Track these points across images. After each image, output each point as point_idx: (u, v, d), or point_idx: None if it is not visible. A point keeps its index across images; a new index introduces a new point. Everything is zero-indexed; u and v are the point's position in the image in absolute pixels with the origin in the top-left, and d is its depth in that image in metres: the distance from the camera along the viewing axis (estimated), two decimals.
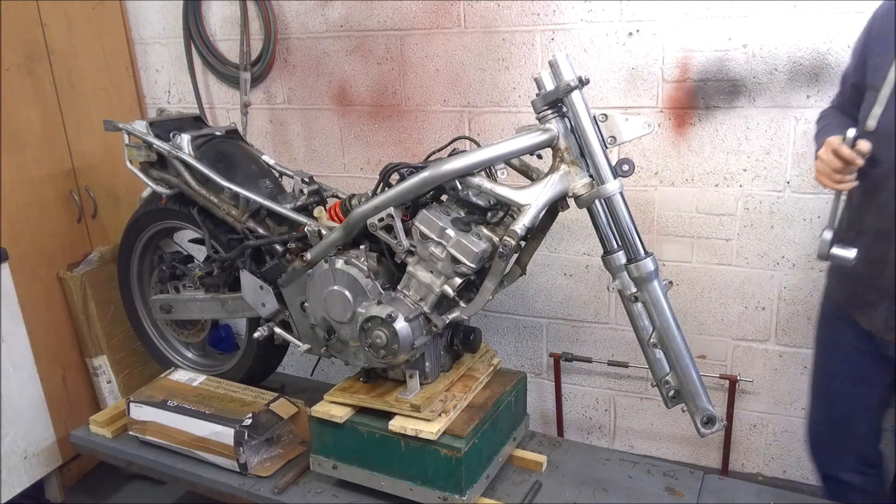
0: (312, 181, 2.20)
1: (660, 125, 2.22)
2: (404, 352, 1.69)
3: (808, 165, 2.10)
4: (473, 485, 1.78)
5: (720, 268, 2.30)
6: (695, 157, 2.22)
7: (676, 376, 1.62)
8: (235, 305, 2.17)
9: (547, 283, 2.54)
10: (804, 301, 2.22)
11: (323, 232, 1.90)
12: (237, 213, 2.08)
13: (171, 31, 2.88)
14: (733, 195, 2.21)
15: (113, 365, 2.72)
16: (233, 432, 1.96)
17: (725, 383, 2.32)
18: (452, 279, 1.68)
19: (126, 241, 2.42)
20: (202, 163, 2.08)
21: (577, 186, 1.59)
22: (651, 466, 1.99)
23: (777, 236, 2.19)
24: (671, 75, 2.17)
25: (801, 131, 2.08)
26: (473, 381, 1.94)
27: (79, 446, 2.31)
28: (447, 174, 1.63)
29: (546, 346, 2.64)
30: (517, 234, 1.58)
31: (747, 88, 2.10)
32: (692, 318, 2.36)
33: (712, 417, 1.62)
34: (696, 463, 2.50)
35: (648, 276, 1.56)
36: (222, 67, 2.82)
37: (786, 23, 2.00)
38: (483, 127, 2.48)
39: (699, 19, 2.09)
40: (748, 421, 2.40)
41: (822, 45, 1.99)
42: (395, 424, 1.77)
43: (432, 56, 2.47)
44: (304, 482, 1.98)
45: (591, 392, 2.62)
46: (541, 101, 1.61)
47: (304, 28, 2.64)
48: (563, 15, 2.24)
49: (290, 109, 2.79)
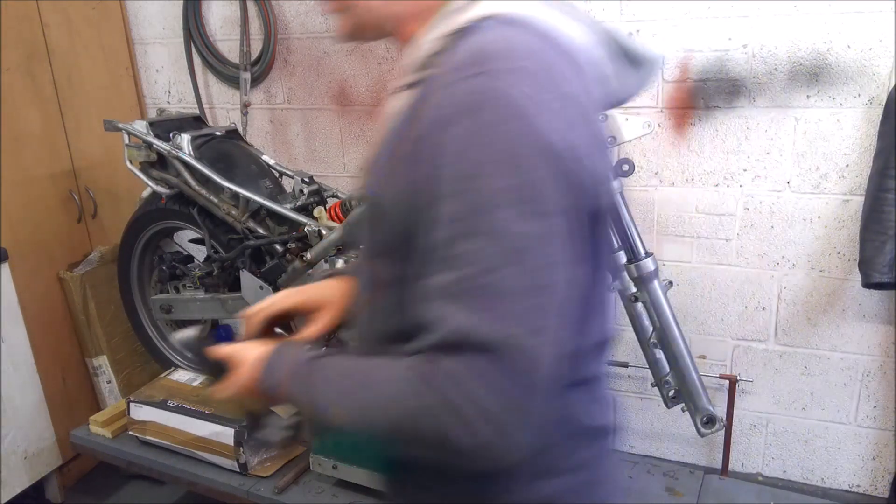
0: (312, 181, 2.19)
1: (660, 125, 2.22)
2: None
3: (808, 165, 2.10)
4: None
5: (720, 268, 2.29)
6: (695, 157, 2.22)
7: (676, 376, 1.62)
8: (235, 305, 2.17)
9: None
10: (804, 301, 2.22)
11: (323, 232, 1.90)
12: (237, 213, 2.07)
13: (171, 31, 2.88)
14: (733, 195, 2.21)
15: (113, 365, 2.72)
16: (233, 432, 1.96)
17: (725, 383, 2.32)
18: None
19: (126, 241, 2.42)
20: (202, 163, 2.08)
21: None
22: (651, 466, 1.99)
23: (777, 236, 2.19)
24: (671, 75, 2.17)
25: (801, 131, 2.08)
26: None
27: (79, 446, 2.31)
28: None
29: None
30: None
31: (747, 88, 2.10)
32: (692, 318, 2.36)
33: (712, 417, 1.62)
34: (696, 463, 2.49)
35: (648, 276, 1.56)
36: (222, 67, 2.82)
37: (786, 23, 2.00)
38: None
39: (699, 19, 2.09)
40: (748, 421, 2.40)
41: (822, 45, 1.99)
42: None
43: None
44: (304, 482, 1.98)
45: None
46: None
47: (304, 28, 2.64)
48: None
49: (290, 109, 2.79)
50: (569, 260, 0.64)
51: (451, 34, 0.70)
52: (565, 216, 0.63)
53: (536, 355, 0.61)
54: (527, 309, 0.61)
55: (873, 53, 1.94)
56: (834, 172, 2.08)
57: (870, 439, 2.26)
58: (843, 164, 2.06)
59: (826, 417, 2.29)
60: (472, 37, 0.67)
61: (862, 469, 2.30)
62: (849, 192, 2.07)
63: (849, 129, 2.03)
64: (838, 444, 2.30)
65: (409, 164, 0.67)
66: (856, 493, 2.32)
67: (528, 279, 0.61)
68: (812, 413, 2.31)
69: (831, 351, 2.22)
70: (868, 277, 1.90)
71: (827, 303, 2.19)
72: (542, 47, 0.66)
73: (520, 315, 0.61)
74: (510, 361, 0.60)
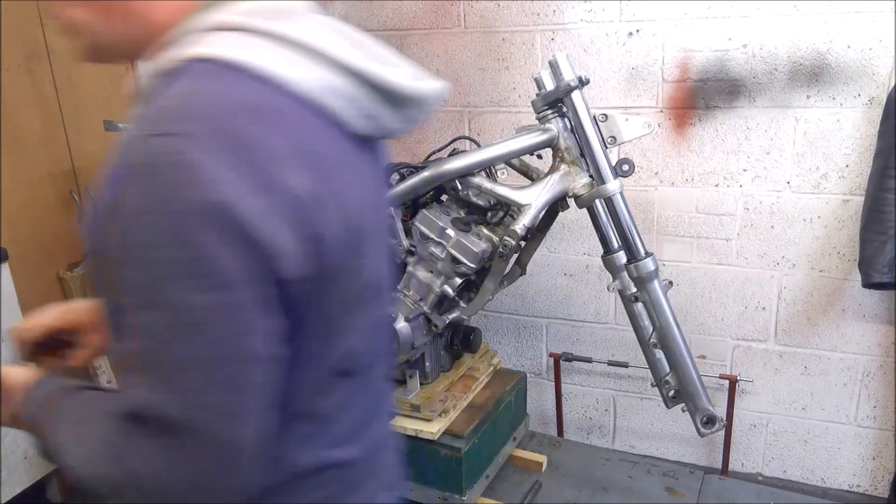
0: None
1: (660, 125, 2.22)
2: (404, 352, 1.69)
3: (808, 165, 2.10)
4: (473, 485, 1.78)
5: (720, 268, 2.30)
6: (695, 157, 2.22)
7: (676, 376, 1.62)
8: None
9: (547, 283, 2.54)
10: (804, 301, 2.22)
11: None
12: None
13: None
14: (733, 195, 2.21)
15: None
16: None
17: (725, 383, 2.32)
18: (452, 279, 1.68)
19: None
20: None
21: (577, 186, 1.59)
22: (651, 466, 1.99)
23: (777, 236, 2.19)
24: (671, 75, 2.17)
25: (801, 131, 2.08)
26: (473, 381, 1.94)
27: None
28: (447, 174, 1.63)
29: (546, 346, 2.63)
30: (517, 234, 1.58)
31: (747, 88, 2.10)
32: (692, 318, 2.36)
33: (712, 417, 1.62)
34: (696, 463, 2.49)
35: (648, 276, 1.56)
36: None
37: (786, 23, 2.00)
38: (483, 127, 2.48)
39: (699, 19, 2.09)
40: (748, 421, 2.40)
41: (822, 45, 1.99)
42: (395, 424, 1.77)
43: (432, 56, 2.47)
44: None
45: (591, 392, 2.62)
46: (541, 101, 1.61)
47: None
48: (563, 15, 2.24)
49: None
50: (261, 329, 0.61)
51: (160, 74, 0.66)
52: (251, 286, 0.59)
53: (223, 431, 0.60)
54: (209, 384, 0.59)
55: (873, 53, 1.95)
56: (834, 172, 2.08)
57: (870, 439, 2.26)
58: (843, 164, 2.06)
59: (826, 417, 2.29)
60: (176, 83, 0.63)
61: (862, 469, 2.30)
62: (849, 192, 2.07)
63: (849, 129, 2.03)
64: (838, 444, 2.30)
65: (106, 213, 0.62)
66: (856, 493, 2.32)
67: (209, 352, 0.59)
68: (812, 413, 2.31)
69: (831, 351, 2.22)
70: (868, 277, 1.90)
71: (827, 303, 2.19)
72: (242, 103, 0.62)
73: (203, 390, 0.59)
74: (197, 442, 0.59)
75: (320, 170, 0.65)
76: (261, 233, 0.59)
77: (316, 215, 0.63)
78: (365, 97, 0.70)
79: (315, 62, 0.67)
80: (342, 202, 0.67)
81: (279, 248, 0.60)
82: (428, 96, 0.76)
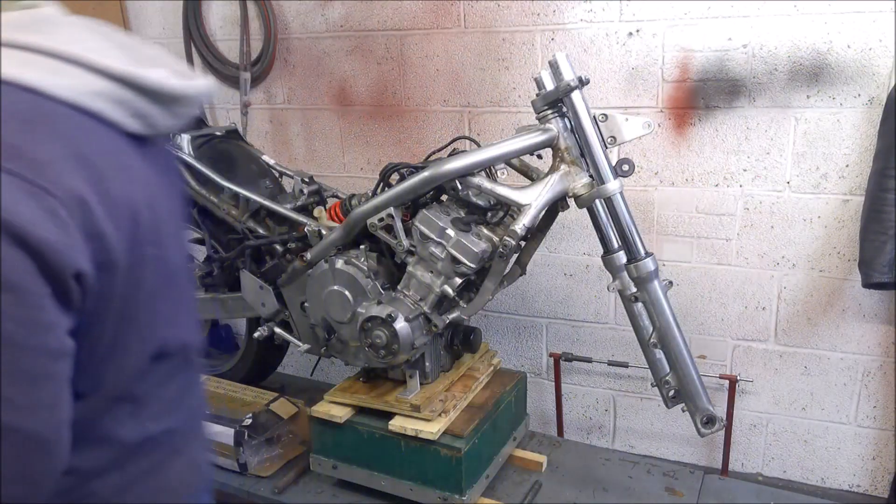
0: (312, 181, 2.19)
1: (660, 125, 2.22)
2: (404, 352, 1.69)
3: (808, 165, 2.10)
4: (473, 485, 1.78)
5: (720, 268, 2.30)
6: (695, 157, 2.22)
7: (676, 376, 1.62)
8: (235, 305, 2.17)
9: (547, 283, 2.54)
10: (804, 301, 2.22)
11: (323, 232, 1.89)
12: (237, 213, 2.08)
13: (171, 31, 2.88)
14: (733, 195, 2.21)
15: None
16: (233, 432, 1.96)
17: (725, 383, 2.32)
18: (452, 279, 1.68)
19: None
20: (202, 163, 2.08)
21: (577, 186, 1.59)
22: (651, 466, 1.99)
23: (777, 236, 2.19)
24: (671, 75, 2.17)
25: (801, 131, 2.08)
26: (473, 381, 1.94)
27: None
28: (447, 174, 1.63)
29: (546, 346, 2.64)
30: (517, 234, 1.58)
31: (747, 88, 2.10)
32: (692, 318, 2.36)
33: (712, 417, 1.62)
34: (696, 463, 2.50)
35: (648, 276, 1.56)
36: (222, 67, 2.82)
37: (786, 23, 2.00)
38: (483, 127, 2.48)
39: (699, 19, 2.09)
40: (748, 421, 2.40)
41: (822, 45, 1.99)
42: (395, 424, 1.77)
43: (432, 56, 2.47)
44: (304, 482, 1.98)
45: (591, 392, 2.62)
46: (541, 101, 1.61)
47: (304, 28, 2.64)
48: (563, 15, 2.24)
49: (289, 109, 2.79)
50: (54, 324, 0.65)
51: None
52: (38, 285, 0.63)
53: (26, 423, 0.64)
54: (8, 379, 0.63)
55: (873, 53, 1.95)
56: (834, 172, 2.08)
57: (870, 439, 2.26)
58: (843, 164, 2.06)
59: (826, 417, 2.30)
60: None
61: (862, 469, 2.30)
62: (849, 192, 2.08)
63: (849, 129, 2.03)
64: (838, 444, 2.31)
65: None
66: (856, 493, 2.33)
67: (4, 350, 0.62)
68: (812, 413, 2.31)
69: (831, 351, 2.23)
70: (868, 277, 1.90)
71: (827, 303, 2.20)
72: (13, 114, 0.65)
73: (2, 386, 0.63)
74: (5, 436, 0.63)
75: (94, 170, 0.69)
76: (38, 234, 0.62)
77: (94, 213, 0.67)
78: (133, 98, 0.74)
79: (78, 68, 0.70)
80: (121, 198, 0.71)
81: (59, 247, 0.63)
82: (195, 94, 0.81)
